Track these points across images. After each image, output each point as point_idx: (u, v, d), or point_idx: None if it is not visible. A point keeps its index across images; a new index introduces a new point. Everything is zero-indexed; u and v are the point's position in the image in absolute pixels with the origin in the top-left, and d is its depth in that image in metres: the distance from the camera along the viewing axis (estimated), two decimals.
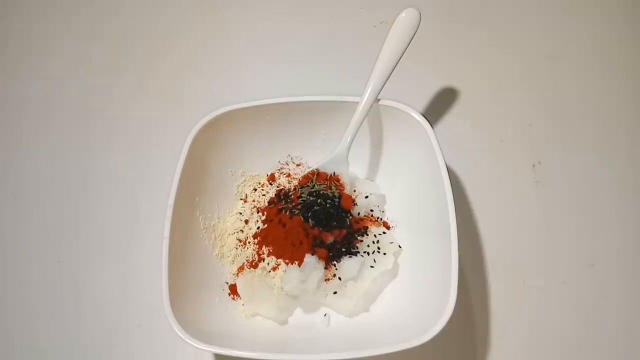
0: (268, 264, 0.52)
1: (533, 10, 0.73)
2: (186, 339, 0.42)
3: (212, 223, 0.54)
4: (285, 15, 0.76)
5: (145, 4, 0.78)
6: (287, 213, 0.53)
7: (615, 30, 0.70)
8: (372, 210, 0.56)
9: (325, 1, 0.76)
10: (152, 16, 0.77)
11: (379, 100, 0.52)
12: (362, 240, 0.53)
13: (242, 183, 0.58)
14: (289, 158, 0.59)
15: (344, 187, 0.55)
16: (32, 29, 0.77)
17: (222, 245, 0.54)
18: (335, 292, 0.50)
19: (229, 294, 0.52)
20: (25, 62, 0.74)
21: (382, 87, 0.51)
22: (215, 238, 0.54)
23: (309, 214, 0.52)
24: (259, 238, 0.53)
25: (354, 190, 0.56)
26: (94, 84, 0.71)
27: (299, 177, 0.57)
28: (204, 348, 0.41)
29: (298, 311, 0.52)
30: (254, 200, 0.57)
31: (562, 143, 0.62)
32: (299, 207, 0.53)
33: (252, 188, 0.58)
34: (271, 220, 0.54)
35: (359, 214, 0.55)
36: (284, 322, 0.50)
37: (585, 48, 0.69)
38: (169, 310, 0.43)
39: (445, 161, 0.48)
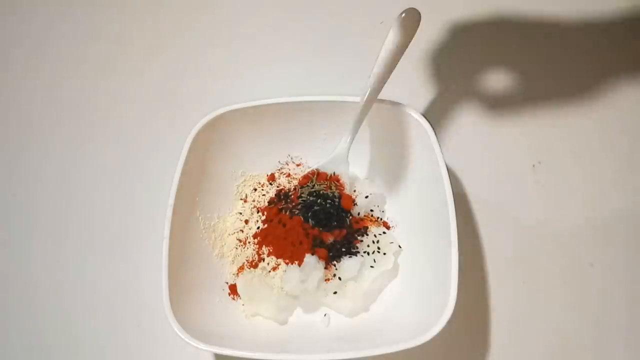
0: (268, 264, 0.52)
1: (533, 11, 0.73)
2: (186, 339, 0.42)
3: (212, 223, 0.54)
4: (285, 15, 0.76)
5: (145, 4, 0.78)
6: (287, 213, 0.53)
7: (615, 30, 0.70)
8: (372, 210, 0.56)
9: (325, 1, 0.76)
10: (152, 16, 0.77)
11: (379, 100, 0.52)
12: (362, 240, 0.53)
13: (242, 183, 0.58)
14: (289, 158, 0.59)
15: (344, 187, 0.55)
16: (32, 28, 0.77)
17: (222, 245, 0.54)
18: (335, 292, 0.50)
19: (229, 294, 0.52)
20: (25, 61, 0.74)
21: (382, 87, 0.51)
22: (215, 238, 0.54)
23: (309, 214, 0.52)
24: (259, 238, 0.53)
25: (354, 190, 0.56)
26: (94, 83, 0.71)
27: (299, 177, 0.57)
28: (204, 348, 0.41)
29: (298, 311, 0.52)
30: (254, 200, 0.57)
31: (562, 143, 0.62)
32: (299, 207, 0.53)
33: (252, 188, 0.58)
34: (271, 220, 0.54)
35: (359, 214, 0.55)
36: (284, 322, 0.50)
37: (586, 48, 0.69)
38: (169, 310, 0.43)
39: (445, 161, 0.48)
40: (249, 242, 0.54)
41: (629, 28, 0.69)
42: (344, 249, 0.52)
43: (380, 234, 0.53)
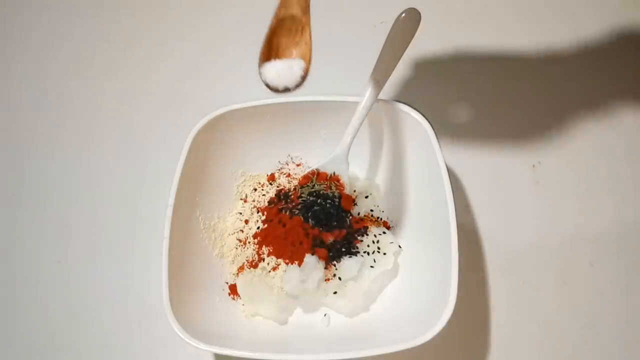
0: (268, 264, 0.52)
1: (533, 11, 0.73)
2: (186, 339, 0.42)
3: (212, 223, 0.54)
4: None
5: (145, 4, 0.78)
6: (287, 213, 0.53)
7: (615, 31, 0.70)
8: (372, 210, 0.56)
9: (325, 1, 0.76)
10: (153, 16, 0.77)
11: (379, 100, 0.52)
12: (362, 240, 0.53)
13: (242, 183, 0.58)
14: (289, 158, 0.59)
15: (344, 187, 0.55)
16: (33, 28, 0.77)
17: (222, 245, 0.54)
18: (335, 292, 0.50)
19: (229, 294, 0.52)
20: (25, 61, 0.74)
21: (383, 87, 0.51)
22: (215, 238, 0.54)
23: (309, 214, 0.52)
24: (259, 238, 0.53)
25: (354, 190, 0.56)
26: (94, 83, 0.71)
27: (299, 177, 0.57)
28: (204, 348, 0.41)
29: (298, 311, 0.52)
30: (254, 200, 0.57)
31: (562, 143, 0.62)
32: (299, 207, 0.53)
33: (252, 188, 0.58)
34: (271, 220, 0.54)
35: (359, 214, 0.55)
36: (284, 322, 0.50)
37: (585, 49, 0.69)
38: (169, 310, 0.43)
39: (445, 161, 0.48)
40: (249, 242, 0.54)
41: (621, 46, 0.70)
42: (344, 249, 0.52)
43: (380, 234, 0.53)
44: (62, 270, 0.58)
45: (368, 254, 0.52)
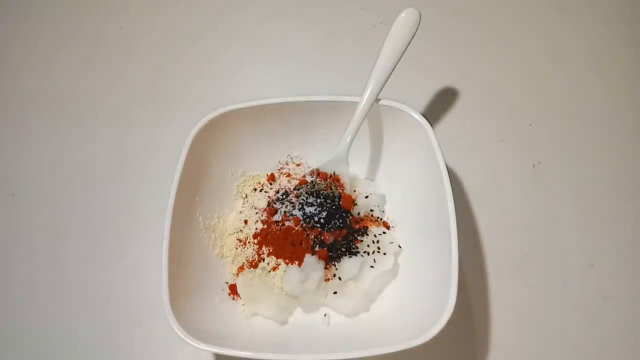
0: (268, 264, 0.52)
1: (533, 11, 0.73)
2: (186, 339, 0.42)
3: (212, 223, 0.54)
4: (285, 15, 0.76)
5: (146, 5, 0.78)
6: (287, 213, 0.53)
7: (614, 31, 0.70)
8: (372, 210, 0.56)
9: (325, 1, 0.76)
10: (153, 17, 0.77)
11: (379, 100, 0.52)
12: (362, 240, 0.53)
13: (242, 183, 0.58)
14: (289, 158, 0.59)
15: (344, 187, 0.55)
16: (36, 29, 0.77)
17: (222, 245, 0.54)
18: (335, 292, 0.50)
19: (229, 294, 0.52)
20: (27, 62, 0.74)
21: (382, 87, 0.51)
22: (215, 238, 0.54)
23: (309, 214, 0.52)
24: (259, 238, 0.53)
25: (354, 190, 0.56)
26: (95, 84, 0.71)
27: (299, 177, 0.57)
28: (204, 348, 0.41)
29: (298, 311, 0.52)
30: (254, 200, 0.57)
31: (562, 143, 0.62)
32: (299, 207, 0.53)
33: (252, 188, 0.58)
34: (271, 221, 0.54)
35: (359, 214, 0.55)
36: (284, 322, 0.50)
37: (585, 49, 0.69)
38: (169, 310, 0.43)
39: (445, 161, 0.48)
40: (249, 242, 0.54)
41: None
42: (344, 249, 0.52)
43: (380, 234, 0.53)
44: (62, 269, 0.58)
45: (368, 254, 0.52)
